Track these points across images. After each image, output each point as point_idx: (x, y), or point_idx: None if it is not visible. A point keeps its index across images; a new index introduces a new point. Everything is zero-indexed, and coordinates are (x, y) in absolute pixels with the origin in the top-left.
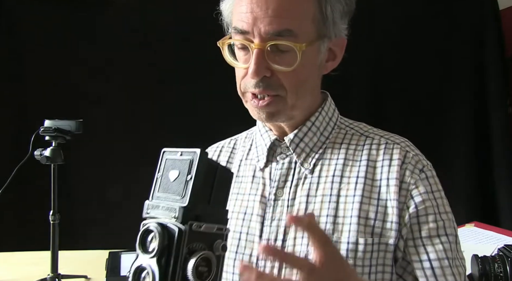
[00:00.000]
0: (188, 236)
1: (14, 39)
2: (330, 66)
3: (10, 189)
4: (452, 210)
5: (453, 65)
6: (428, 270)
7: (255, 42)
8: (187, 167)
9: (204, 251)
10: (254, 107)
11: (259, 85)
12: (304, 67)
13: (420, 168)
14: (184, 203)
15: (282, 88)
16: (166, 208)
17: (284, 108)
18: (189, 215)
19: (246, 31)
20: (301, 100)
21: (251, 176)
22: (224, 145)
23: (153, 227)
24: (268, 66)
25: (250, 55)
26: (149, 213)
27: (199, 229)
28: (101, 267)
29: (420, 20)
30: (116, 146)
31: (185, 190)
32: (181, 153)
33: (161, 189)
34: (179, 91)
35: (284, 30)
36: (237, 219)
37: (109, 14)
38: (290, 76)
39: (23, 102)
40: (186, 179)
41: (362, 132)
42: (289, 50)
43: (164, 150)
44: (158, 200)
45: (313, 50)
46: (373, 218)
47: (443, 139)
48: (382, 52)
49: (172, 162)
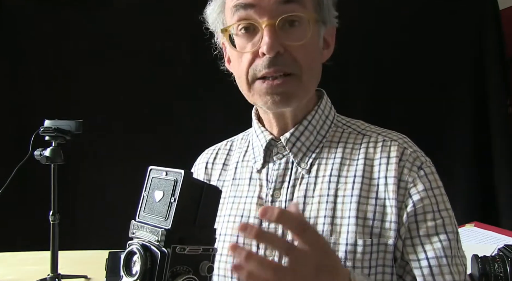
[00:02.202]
0: (171, 260)
1: (14, 39)
2: (326, 55)
3: (10, 189)
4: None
5: (453, 65)
6: (425, 268)
7: (264, 20)
8: (171, 188)
9: (188, 275)
10: (265, 90)
11: (273, 63)
12: (312, 44)
13: (418, 165)
14: (167, 226)
15: (296, 65)
16: (150, 230)
17: (299, 89)
18: (172, 238)
19: (253, 4)
20: (312, 83)
21: (248, 178)
22: (221, 148)
23: (136, 249)
24: (280, 42)
25: (258, 37)
26: (134, 234)
27: (183, 252)
28: (101, 267)
29: (420, 20)
30: (116, 146)
31: (169, 212)
32: (166, 173)
33: (147, 209)
34: (179, 91)
35: None
36: (234, 222)
37: (109, 15)
38: (303, 51)
39: (23, 102)
40: (170, 200)
41: (359, 131)
42: (299, 23)
43: (150, 168)
44: (143, 220)
45: (316, 29)
46: (371, 218)
47: (443, 139)
48: (382, 52)
49: (157, 182)
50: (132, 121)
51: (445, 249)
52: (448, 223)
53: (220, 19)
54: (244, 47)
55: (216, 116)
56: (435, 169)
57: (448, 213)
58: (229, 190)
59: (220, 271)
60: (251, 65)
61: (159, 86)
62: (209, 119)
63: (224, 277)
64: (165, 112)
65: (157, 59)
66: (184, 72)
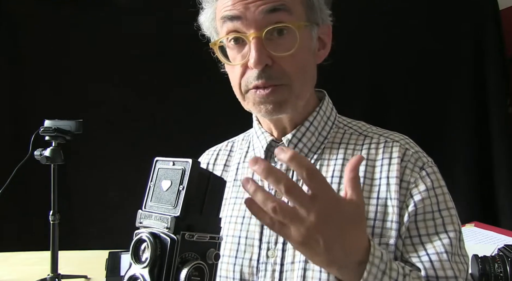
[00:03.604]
0: (181, 246)
1: (14, 39)
2: (322, 55)
3: (10, 189)
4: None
5: (453, 65)
6: (427, 263)
7: (251, 32)
8: (179, 177)
9: (197, 261)
10: (258, 99)
11: (261, 76)
12: (302, 50)
13: (420, 166)
14: (176, 213)
15: (286, 76)
16: (159, 218)
17: (290, 96)
18: (181, 225)
19: (239, 16)
20: (305, 87)
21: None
22: (221, 148)
23: (145, 237)
24: (268, 54)
25: (247, 48)
26: (142, 223)
27: (192, 239)
28: (101, 267)
29: (420, 20)
30: (116, 146)
31: (178, 200)
32: (173, 163)
33: (154, 199)
34: (179, 91)
35: (279, 4)
36: (236, 223)
37: (110, 15)
38: (291, 61)
39: (23, 102)
40: (179, 189)
41: (361, 132)
42: (286, 33)
43: (156, 159)
44: (150, 209)
45: (307, 34)
46: (372, 218)
47: (443, 139)
48: (381, 53)
49: (164, 172)
50: (133, 121)
51: (445, 246)
52: (448, 222)
53: (213, 26)
54: (234, 59)
55: (217, 116)
56: (438, 168)
57: (450, 212)
58: (230, 191)
59: (222, 272)
60: (242, 77)
61: (159, 86)
62: (210, 119)
63: (226, 278)
64: (165, 112)
65: (157, 58)
66: (185, 72)
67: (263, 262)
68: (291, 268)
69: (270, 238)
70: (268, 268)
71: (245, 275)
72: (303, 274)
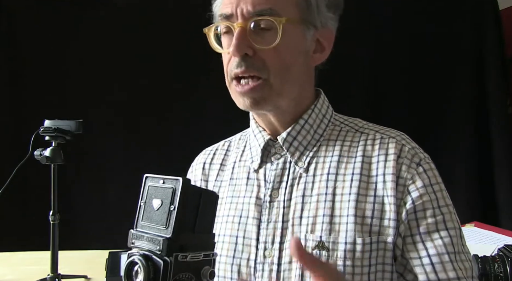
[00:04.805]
0: (174, 268)
1: (14, 39)
2: (318, 58)
3: (10, 189)
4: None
5: (453, 65)
6: (428, 266)
7: (237, 22)
8: (170, 197)
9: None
10: (238, 93)
11: (241, 65)
12: (287, 47)
13: (417, 162)
14: (168, 234)
15: (265, 69)
16: (150, 239)
17: (270, 93)
18: (174, 246)
19: (230, 14)
20: (287, 86)
21: (246, 178)
22: (218, 148)
23: (137, 260)
24: (250, 44)
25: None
26: (133, 243)
27: (185, 259)
28: (101, 267)
29: (420, 20)
30: (116, 146)
31: (169, 220)
32: (163, 181)
33: (145, 218)
34: (179, 91)
35: (266, 9)
36: (232, 223)
37: (110, 14)
38: (272, 55)
39: (23, 102)
40: (170, 208)
41: (357, 128)
42: (271, 28)
43: (146, 176)
44: (142, 229)
45: (297, 32)
46: (370, 216)
47: (443, 139)
48: (381, 52)
49: (154, 190)
50: (133, 121)
51: (446, 245)
52: (448, 219)
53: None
54: (224, 47)
55: (215, 116)
56: (435, 165)
57: (449, 209)
58: (226, 190)
59: (220, 272)
60: (228, 64)
61: (159, 86)
62: (208, 119)
63: (224, 278)
64: (165, 112)
65: (157, 59)
66: (186, 72)
67: (260, 262)
68: (289, 267)
69: (267, 238)
70: (265, 268)
71: (243, 275)
72: (301, 274)
